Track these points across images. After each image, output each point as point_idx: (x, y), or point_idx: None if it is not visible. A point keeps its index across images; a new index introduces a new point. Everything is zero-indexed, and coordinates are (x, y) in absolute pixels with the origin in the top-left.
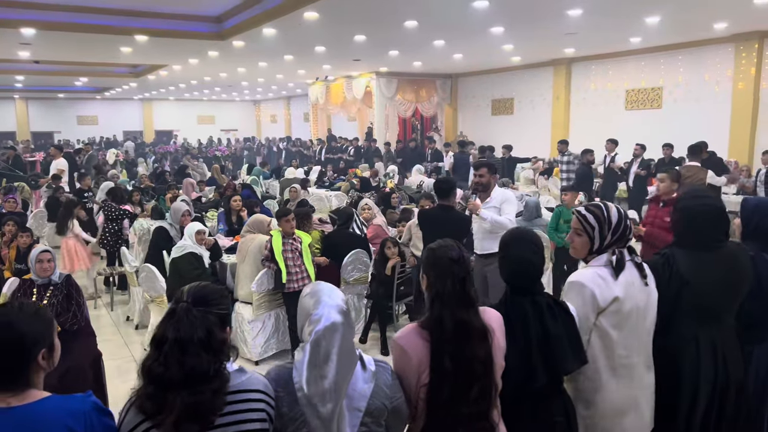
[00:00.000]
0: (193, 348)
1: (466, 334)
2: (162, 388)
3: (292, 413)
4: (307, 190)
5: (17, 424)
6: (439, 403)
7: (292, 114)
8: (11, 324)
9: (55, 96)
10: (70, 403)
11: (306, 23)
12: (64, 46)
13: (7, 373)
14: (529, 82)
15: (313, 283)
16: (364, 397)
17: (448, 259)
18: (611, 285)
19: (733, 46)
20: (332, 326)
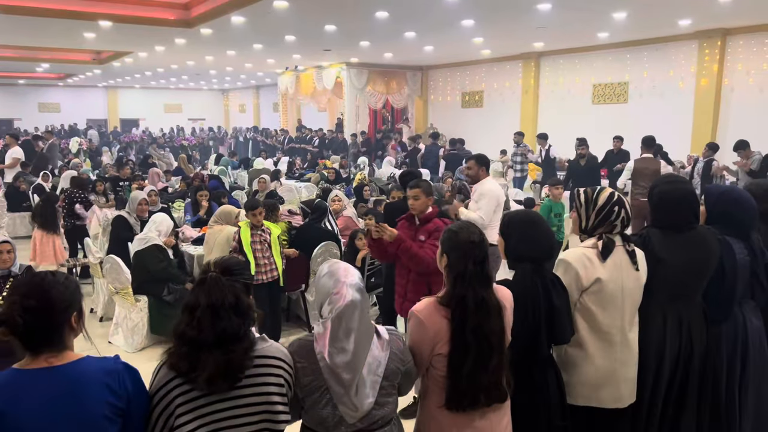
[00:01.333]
0: (224, 312)
1: (485, 310)
2: (195, 349)
3: (315, 382)
4: (279, 181)
5: (60, 382)
6: (462, 374)
7: (261, 104)
8: (45, 290)
9: (15, 82)
10: (105, 362)
11: (275, 12)
12: (23, 31)
13: (46, 335)
14: (499, 75)
15: (329, 263)
16: (381, 364)
17: (469, 242)
18: (596, 266)
19: (696, 43)
20: (351, 303)
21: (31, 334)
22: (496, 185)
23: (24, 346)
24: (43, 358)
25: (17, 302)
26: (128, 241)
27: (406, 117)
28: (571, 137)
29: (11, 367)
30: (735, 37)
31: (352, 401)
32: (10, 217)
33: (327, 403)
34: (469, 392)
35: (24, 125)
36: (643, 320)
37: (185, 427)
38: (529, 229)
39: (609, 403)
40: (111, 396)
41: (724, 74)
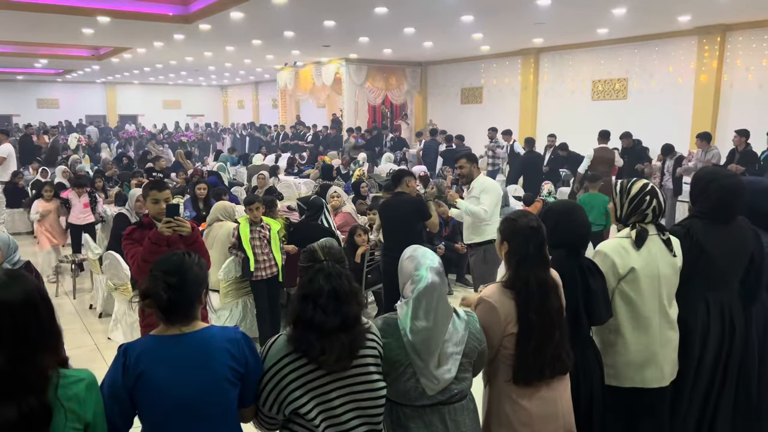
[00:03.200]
0: (345, 297)
1: (545, 290)
2: (323, 333)
3: (398, 358)
4: (278, 177)
5: (190, 347)
6: (528, 350)
7: (260, 100)
8: (185, 270)
9: (14, 78)
10: (227, 331)
11: (275, 7)
12: (21, 27)
13: (183, 308)
14: (498, 71)
15: (411, 248)
16: (462, 342)
17: (529, 228)
18: (631, 255)
19: (696, 39)
20: (431, 285)
21: (171, 306)
22: (495, 182)
23: (162, 316)
24: (176, 327)
25: (160, 278)
26: None
27: (405, 113)
28: (571, 133)
29: (148, 334)
30: (734, 33)
31: (434, 374)
32: (9, 213)
33: (410, 377)
34: (535, 366)
35: (22, 121)
36: (687, 307)
37: (299, 401)
38: (567, 218)
39: (653, 383)
40: (232, 361)
41: (724, 70)
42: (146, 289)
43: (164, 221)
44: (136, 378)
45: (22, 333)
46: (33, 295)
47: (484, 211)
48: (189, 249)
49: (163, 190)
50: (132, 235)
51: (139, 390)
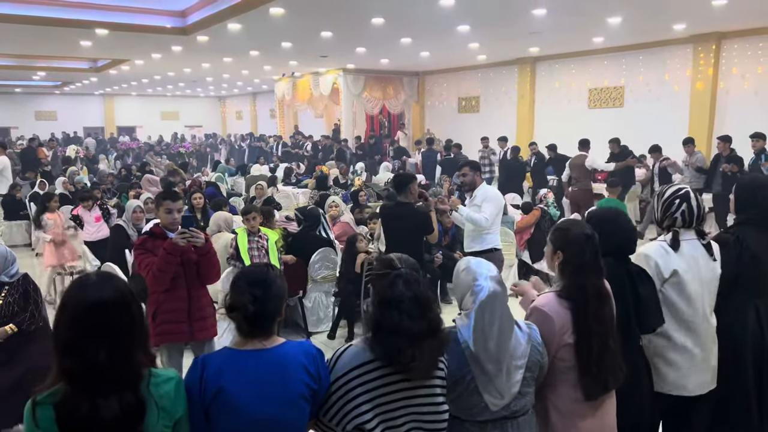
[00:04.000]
0: (427, 303)
1: (602, 298)
2: (413, 340)
3: (459, 372)
4: (276, 187)
5: (270, 361)
6: (590, 358)
7: (258, 110)
8: (269, 284)
9: (12, 90)
10: (303, 346)
11: (272, 19)
12: (20, 40)
13: (265, 321)
14: (495, 80)
15: (464, 260)
16: (525, 355)
17: (584, 236)
18: (673, 258)
19: (691, 47)
20: (494, 295)
21: (256, 319)
22: (497, 191)
23: (245, 329)
24: (257, 340)
25: (246, 290)
26: (126, 249)
27: (402, 122)
28: (568, 141)
29: (226, 347)
30: (730, 40)
31: (497, 389)
32: (6, 225)
33: (473, 391)
34: (600, 377)
35: (21, 133)
36: (737, 314)
37: (364, 416)
38: (611, 224)
39: (695, 391)
40: (308, 378)
41: (720, 77)
42: (234, 301)
43: (179, 232)
44: (215, 393)
45: (117, 330)
46: (125, 294)
47: (485, 219)
48: (202, 260)
49: (176, 200)
50: (144, 245)
51: (216, 405)
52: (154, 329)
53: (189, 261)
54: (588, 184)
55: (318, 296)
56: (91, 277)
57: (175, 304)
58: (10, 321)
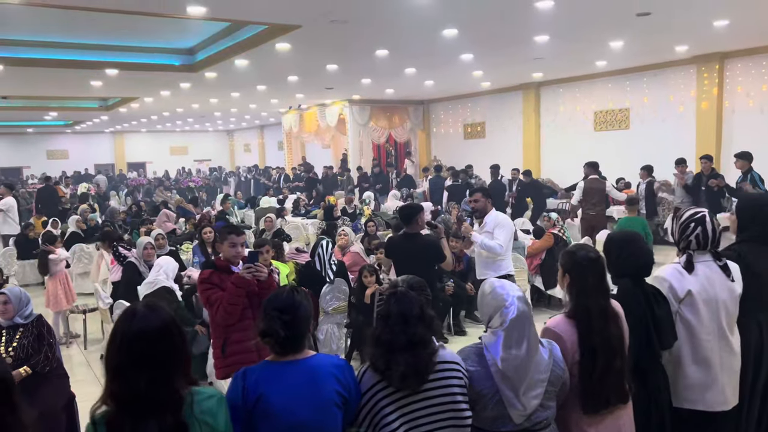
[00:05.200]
0: (412, 320)
1: (605, 317)
2: (389, 351)
3: (483, 389)
4: (284, 218)
5: (303, 370)
6: (593, 377)
7: (266, 143)
8: (296, 307)
9: (24, 131)
10: (332, 358)
11: (278, 54)
12: (33, 82)
13: (297, 341)
14: (500, 106)
15: (489, 282)
16: (547, 369)
17: (588, 259)
18: (687, 279)
19: (695, 68)
20: (522, 314)
21: (288, 341)
22: (507, 217)
23: (279, 350)
24: (291, 354)
25: (276, 317)
26: (138, 285)
27: (409, 150)
28: (575, 165)
29: (265, 360)
30: (733, 60)
31: (522, 402)
32: (20, 265)
33: (497, 405)
34: (602, 394)
35: (32, 173)
36: (740, 330)
37: (390, 424)
38: (628, 247)
39: (715, 406)
40: (339, 386)
41: (725, 97)
42: (266, 327)
43: (245, 266)
44: (256, 400)
45: (158, 359)
46: (169, 326)
47: (500, 246)
48: (264, 293)
49: (240, 234)
50: (211, 279)
51: (258, 411)
52: (224, 361)
53: (252, 293)
54: (604, 209)
55: (330, 328)
56: (139, 307)
57: (243, 335)
58: (25, 363)
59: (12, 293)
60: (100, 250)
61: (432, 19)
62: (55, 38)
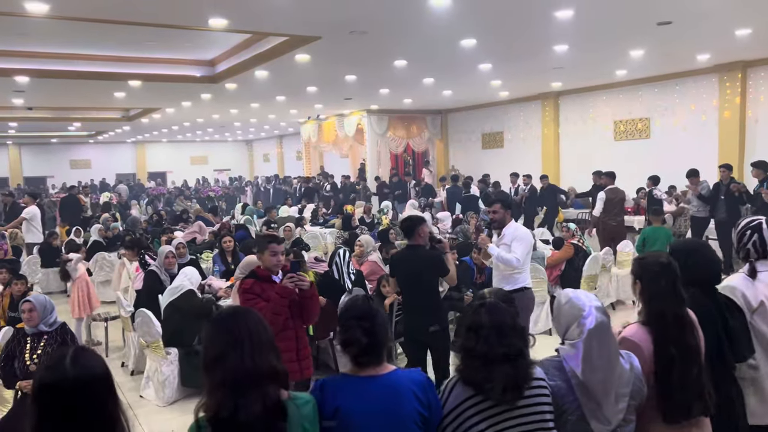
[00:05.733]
0: (507, 330)
1: (682, 324)
2: (486, 363)
3: (565, 404)
4: (303, 228)
5: (383, 385)
6: (673, 386)
7: (284, 152)
8: (374, 315)
9: (48, 141)
10: (412, 374)
11: (297, 65)
12: (57, 93)
13: (379, 348)
14: (518, 115)
15: (565, 292)
16: (629, 383)
17: (658, 264)
18: (759, 288)
19: (717, 77)
20: (601, 324)
21: (369, 349)
22: (527, 229)
23: (361, 360)
24: (371, 368)
25: (356, 325)
26: (159, 294)
27: (427, 160)
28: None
29: (341, 373)
30: (755, 68)
31: (605, 415)
32: (43, 273)
33: (579, 419)
34: (683, 403)
35: (56, 182)
36: None
37: None
38: (695, 256)
39: None
40: (418, 404)
41: (747, 106)
42: (347, 337)
43: (288, 276)
44: (333, 412)
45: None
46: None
47: (516, 259)
48: (305, 302)
49: (281, 243)
50: (253, 289)
51: (335, 423)
52: None
53: (293, 303)
54: (623, 219)
55: None
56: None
57: (284, 344)
58: None
59: (37, 301)
60: (121, 258)
61: (451, 29)
62: (80, 50)
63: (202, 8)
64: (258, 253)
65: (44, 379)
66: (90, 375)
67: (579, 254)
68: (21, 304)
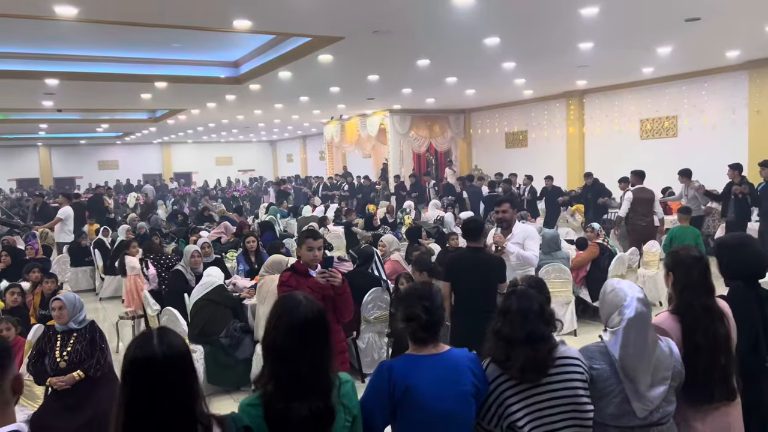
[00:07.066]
0: (532, 316)
1: (711, 315)
2: (509, 344)
3: (609, 386)
4: (326, 227)
5: (445, 363)
6: (698, 371)
7: (308, 153)
8: (433, 295)
9: (77, 142)
10: (466, 352)
11: (321, 66)
12: (86, 95)
13: (437, 327)
14: (542, 114)
15: (611, 282)
16: (670, 366)
17: (691, 257)
18: None
19: (747, 74)
20: (641, 314)
21: (429, 325)
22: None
23: (420, 335)
24: (430, 346)
25: (418, 303)
26: (184, 293)
27: (450, 160)
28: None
29: (406, 353)
30: None
31: (647, 396)
32: (72, 272)
33: (622, 400)
34: (706, 388)
35: (85, 183)
36: None
37: (515, 414)
38: (739, 251)
39: None
40: (474, 378)
41: None
42: (409, 313)
43: (319, 271)
44: (404, 391)
45: (319, 344)
46: (324, 316)
47: (535, 256)
48: (338, 298)
49: (318, 238)
50: (289, 282)
51: (405, 402)
52: None
53: (327, 298)
54: (653, 219)
55: (371, 337)
56: (300, 297)
57: None
58: (78, 367)
59: (67, 299)
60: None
61: (474, 27)
62: (108, 53)
63: (227, 10)
64: (297, 248)
65: (135, 357)
66: (175, 352)
67: (604, 254)
68: (51, 302)
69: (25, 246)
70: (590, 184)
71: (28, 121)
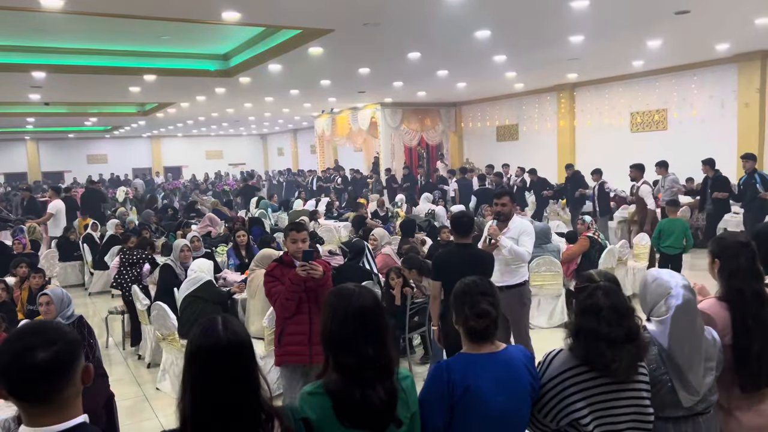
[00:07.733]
0: (626, 311)
1: (761, 300)
2: (611, 345)
3: (659, 373)
4: (317, 221)
5: (503, 361)
6: (751, 356)
7: (299, 146)
8: (496, 291)
9: (66, 136)
10: (519, 348)
11: (311, 58)
12: (73, 88)
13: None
14: (533, 107)
15: (652, 272)
16: (714, 356)
17: (737, 243)
18: None
19: (736, 66)
20: (688, 302)
21: (496, 321)
22: (528, 222)
23: (483, 332)
24: (488, 343)
25: (482, 300)
26: (174, 287)
27: (441, 153)
28: (611, 166)
29: (463, 353)
30: None
31: (694, 386)
32: (61, 267)
33: (669, 390)
34: (761, 374)
35: (73, 177)
36: None
37: (579, 411)
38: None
39: None
40: (530, 377)
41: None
42: (479, 310)
43: (300, 265)
44: (464, 390)
45: (379, 330)
46: (379, 303)
47: (528, 253)
48: (320, 290)
49: (300, 231)
50: (273, 272)
51: (465, 401)
52: (280, 350)
53: (310, 289)
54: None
55: None
56: (351, 287)
57: (297, 328)
58: None
59: (54, 294)
60: None
61: (465, 20)
62: (95, 45)
63: (215, 2)
64: (284, 240)
65: (201, 343)
66: (239, 340)
67: (595, 247)
68: (38, 297)
69: (12, 241)
70: (570, 176)
71: (15, 115)
